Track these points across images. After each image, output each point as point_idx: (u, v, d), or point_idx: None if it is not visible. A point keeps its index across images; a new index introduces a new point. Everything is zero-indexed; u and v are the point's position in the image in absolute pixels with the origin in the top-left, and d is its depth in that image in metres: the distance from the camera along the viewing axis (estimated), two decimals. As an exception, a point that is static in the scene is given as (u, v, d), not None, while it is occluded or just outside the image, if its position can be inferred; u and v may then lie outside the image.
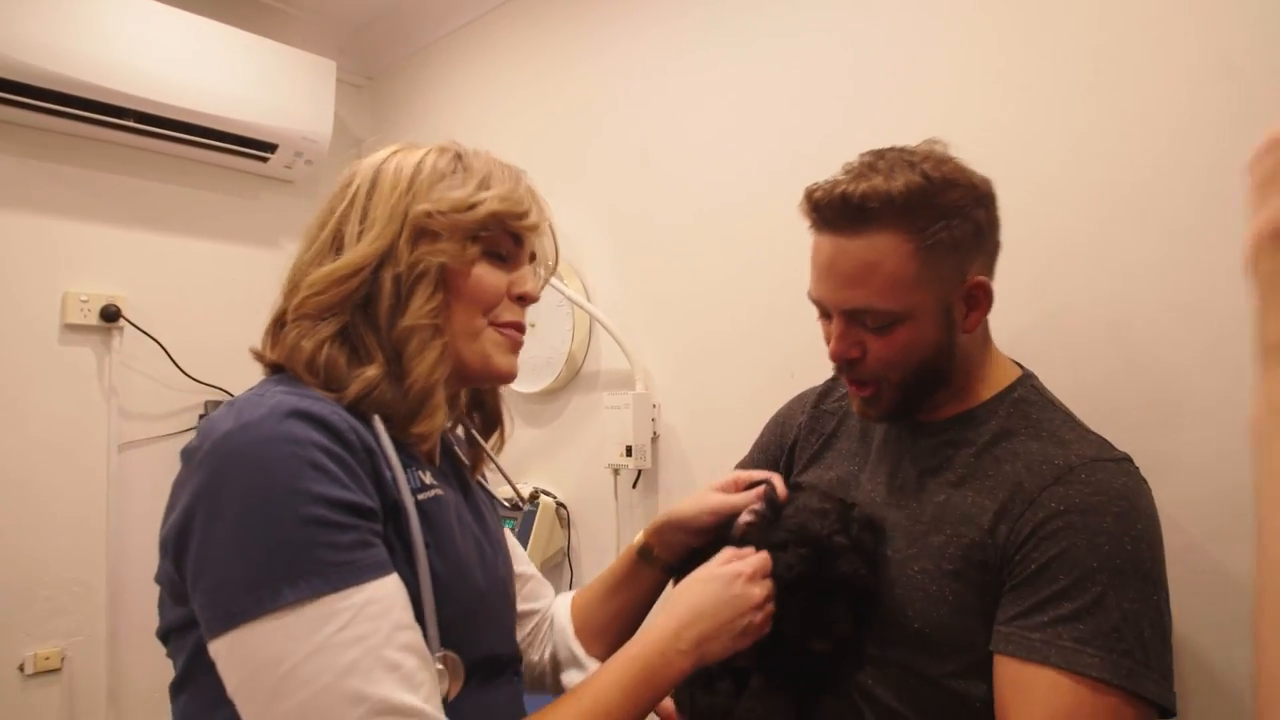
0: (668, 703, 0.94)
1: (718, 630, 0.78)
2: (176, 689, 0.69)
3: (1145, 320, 1.06)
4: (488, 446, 0.94)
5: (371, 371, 0.72)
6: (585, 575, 1.87)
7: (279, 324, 0.77)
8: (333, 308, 0.73)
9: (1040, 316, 1.14)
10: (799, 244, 0.91)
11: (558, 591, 1.08)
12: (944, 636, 0.81)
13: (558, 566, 1.91)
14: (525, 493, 1.91)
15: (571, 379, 1.91)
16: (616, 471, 1.74)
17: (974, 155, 0.93)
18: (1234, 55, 0.99)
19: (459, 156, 0.81)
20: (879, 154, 0.87)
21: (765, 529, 0.86)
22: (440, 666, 0.67)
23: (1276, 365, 0.42)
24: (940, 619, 0.82)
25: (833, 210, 0.85)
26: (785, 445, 1.11)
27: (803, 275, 0.91)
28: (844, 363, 0.90)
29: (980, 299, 0.87)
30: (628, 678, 0.74)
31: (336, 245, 0.77)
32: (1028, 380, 0.93)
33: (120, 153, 2.10)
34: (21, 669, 1.89)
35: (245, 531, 0.60)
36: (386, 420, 0.72)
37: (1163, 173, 1.04)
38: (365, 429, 0.69)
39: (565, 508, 1.90)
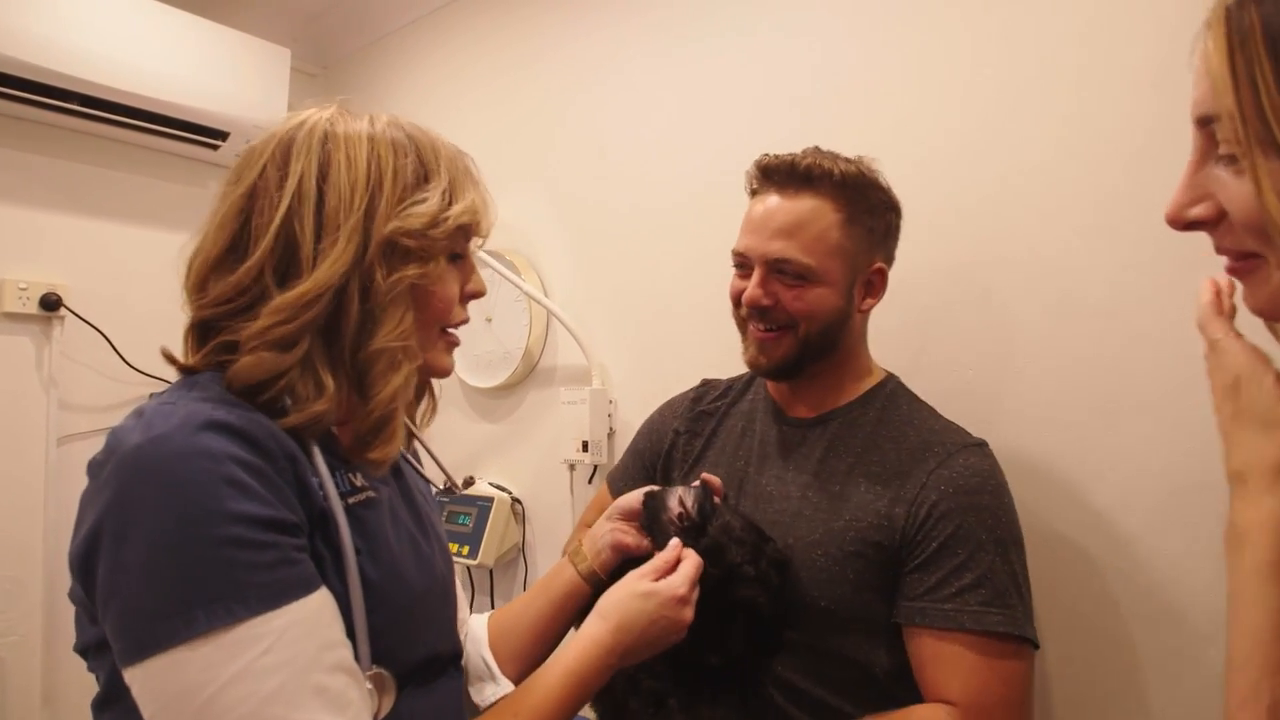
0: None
1: (645, 647, 0.82)
2: (99, 707, 0.66)
3: (1089, 318, 1.10)
4: (417, 419, 0.92)
5: (319, 406, 0.67)
6: (540, 571, 1.87)
7: (203, 333, 0.70)
8: (298, 335, 0.67)
9: (988, 317, 1.18)
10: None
11: (509, 588, 1.06)
12: (847, 612, 0.92)
13: (513, 563, 1.91)
14: (460, 481, 1.91)
15: (528, 374, 1.91)
16: (572, 467, 1.75)
17: (929, 157, 0.96)
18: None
19: (415, 148, 0.75)
20: (819, 149, 1.01)
21: (692, 535, 0.90)
22: (370, 686, 0.65)
23: (1237, 490, 0.53)
24: (843, 596, 0.92)
25: (781, 172, 0.99)
26: (660, 451, 1.17)
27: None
28: (756, 309, 1.00)
29: (878, 285, 1.03)
30: (564, 687, 0.76)
31: (287, 253, 0.69)
32: (894, 377, 1.06)
33: (64, 136, 2.03)
34: (-48, 669, 1.83)
35: (156, 555, 0.56)
36: (332, 441, 0.69)
37: (1131, 176, 1.07)
38: (286, 435, 0.65)
39: (520, 503, 1.90)
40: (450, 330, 0.80)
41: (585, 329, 1.76)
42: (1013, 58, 1.17)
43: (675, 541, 0.89)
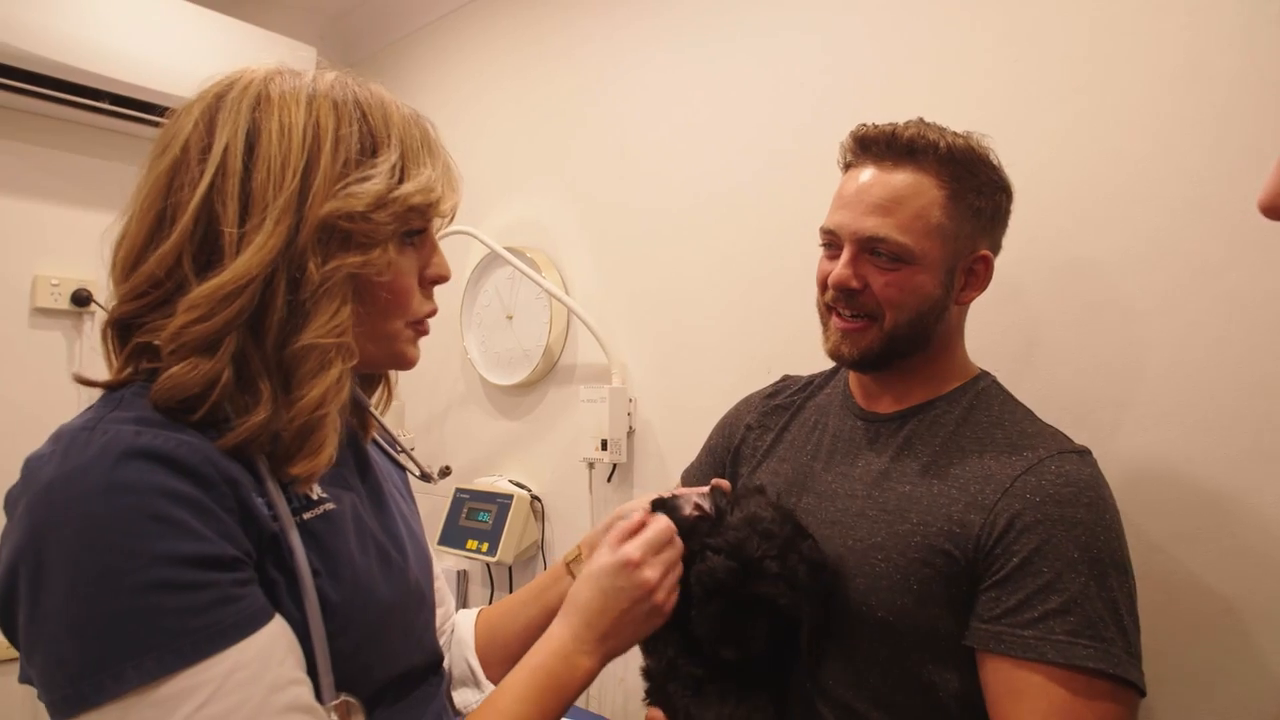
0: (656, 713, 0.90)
1: (616, 624, 0.75)
2: None
3: (1119, 319, 1.07)
4: (374, 406, 0.82)
5: (258, 416, 0.59)
6: (559, 568, 1.87)
7: (121, 331, 0.62)
8: (221, 333, 0.58)
9: (1015, 315, 1.16)
10: (776, 239, 0.91)
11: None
12: (908, 626, 0.82)
13: (532, 560, 1.91)
14: (435, 472, 1.90)
15: (548, 372, 1.91)
16: (591, 465, 1.74)
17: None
18: (1216, 55, 1.00)
19: (363, 115, 0.65)
20: (924, 121, 0.91)
21: (709, 530, 0.85)
22: (335, 718, 0.61)
23: None
24: (904, 607, 0.82)
25: (880, 143, 0.89)
26: (730, 447, 1.11)
27: (780, 272, 0.92)
28: (844, 292, 0.90)
29: (981, 273, 0.92)
30: (533, 690, 0.70)
31: (206, 239, 0.60)
32: (989, 376, 0.96)
33: (95, 135, 2.07)
34: (-14, 657, 1.86)
35: (76, 606, 0.50)
36: (269, 455, 0.61)
37: (1144, 174, 1.05)
38: (225, 457, 0.57)
39: (540, 501, 1.90)
40: (418, 322, 0.71)
41: (606, 327, 1.75)
42: (1038, 50, 1.15)
43: (637, 506, 0.85)
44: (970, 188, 0.88)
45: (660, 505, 0.89)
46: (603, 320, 1.76)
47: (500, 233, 1.99)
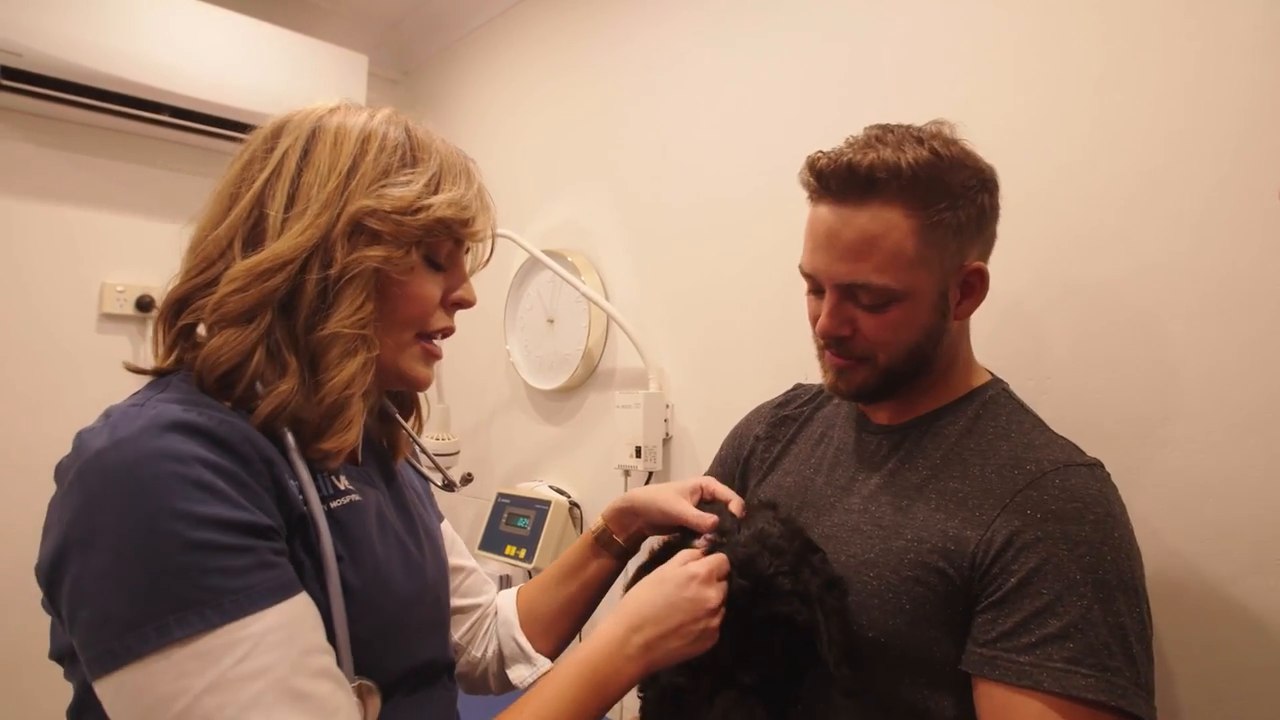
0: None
1: (667, 635, 0.73)
2: (74, 715, 0.65)
3: (1159, 319, 0.97)
4: (408, 426, 0.87)
5: (285, 385, 0.64)
6: (598, 577, 1.83)
7: (174, 311, 0.67)
8: (257, 308, 0.64)
9: (1033, 314, 1.06)
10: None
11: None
12: (900, 648, 0.77)
13: (571, 567, 1.88)
14: (458, 480, 1.91)
15: (588, 376, 1.88)
16: (627, 473, 1.70)
17: (981, 148, 0.87)
18: (1243, 49, 0.91)
19: (409, 136, 0.72)
20: (886, 128, 0.84)
21: (716, 550, 0.82)
22: (355, 698, 0.62)
23: None
24: (896, 628, 0.77)
25: (837, 179, 0.81)
26: (740, 458, 1.08)
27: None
28: (833, 340, 0.87)
29: (976, 286, 0.85)
30: (574, 688, 0.70)
31: (256, 224, 0.67)
32: (999, 383, 0.90)
33: (157, 146, 2.15)
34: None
35: (124, 563, 0.54)
36: (296, 433, 0.66)
37: (1170, 172, 0.96)
38: (263, 435, 0.63)
39: (579, 507, 1.87)
40: (430, 338, 0.75)
41: (644, 331, 1.71)
42: (1067, 43, 1.05)
43: (700, 542, 0.84)
44: (944, 206, 0.80)
45: (708, 505, 0.90)
46: (641, 324, 1.72)
47: (542, 236, 1.97)
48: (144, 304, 2.08)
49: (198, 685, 0.53)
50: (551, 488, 1.92)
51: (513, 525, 1.87)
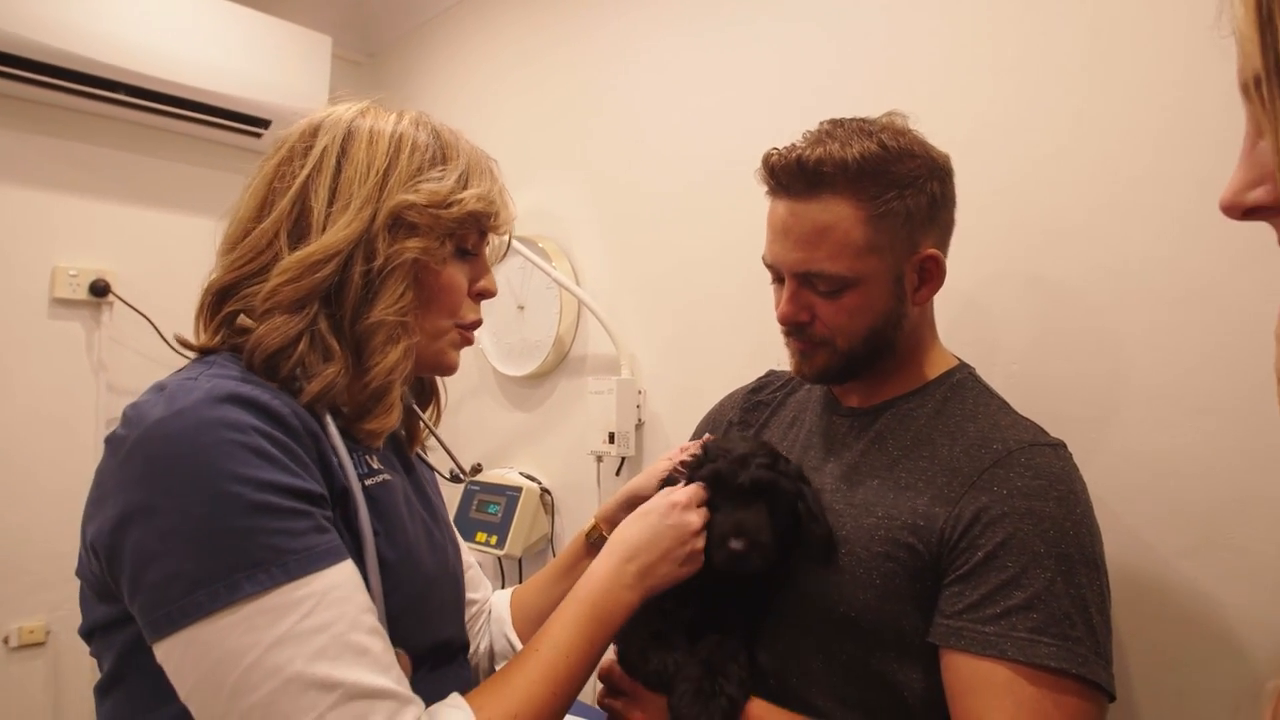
0: (610, 657, 0.91)
1: (659, 560, 0.79)
2: (103, 691, 0.66)
3: (1138, 310, 1.01)
4: (425, 418, 0.91)
5: (331, 369, 0.68)
6: (569, 562, 1.84)
7: (220, 298, 0.71)
8: (308, 298, 0.69)
9: (996, 304, 1.10)
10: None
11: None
12: (871, 623, 0.81)
13: (541, 553, 1.89)
14: (468, 468, 1.89)
15: (559, 363, 1.88)
16: (600, 458, 1.71)
17: (959, 137, 0.89)
18: (1227, 51, 0.93)
19: (437, 135, 0.77)
20: (838, 122, 0.88)
21: (696, 466, 0.88)
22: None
23: None
24: (866, 603, 0.80)
25: (788, 174, 0.86)
26: None
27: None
28: (792, 325, 0.91)
29: (932, 272, 0.89)
30: (580, 621, 0.74)
31: (300, 218, 0.71)
32: (966, 368, 0.94)
33: (111, 126, 2.08)
34: (6, 642, 1.90)
35: (192, 524, 0.56)
36: (336, 415, 0.70)
37: (1160, 160, 0.99)
38: (308, 413, 0.66)
39: (550, 494, 1.88)
40: (465, 328, 0.80)
41: (615, 317, 1.71)
42: (1050, 29, 1.08)
43: (647, 484, 0.93)
44: (892, 195, 0.84)
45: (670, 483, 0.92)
46: (612, 310, 1.73)
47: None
48: (99, 289, 2.02)
49: (266, 639, 0.55)
50: (522, 474, 1.92)
51: (483, 512, 1.87)
